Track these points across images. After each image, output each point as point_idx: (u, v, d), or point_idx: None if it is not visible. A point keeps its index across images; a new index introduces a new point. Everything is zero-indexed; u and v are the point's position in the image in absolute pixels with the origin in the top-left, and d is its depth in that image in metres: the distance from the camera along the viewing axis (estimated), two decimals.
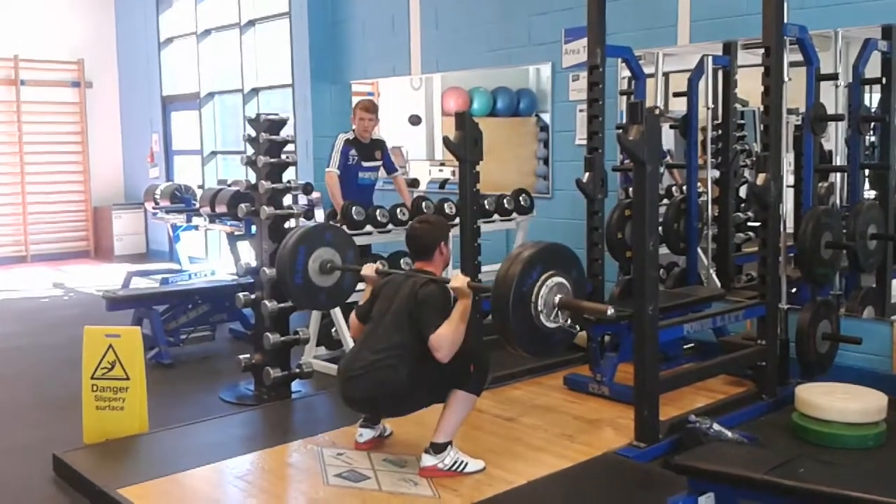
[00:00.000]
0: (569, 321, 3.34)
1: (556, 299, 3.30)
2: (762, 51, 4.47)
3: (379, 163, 6.23)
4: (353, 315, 3.92)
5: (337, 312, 5.32)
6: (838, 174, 5.17)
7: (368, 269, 3.99)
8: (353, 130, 6.12)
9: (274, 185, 4.86)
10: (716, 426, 3.89)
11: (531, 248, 3.33)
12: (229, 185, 7.67)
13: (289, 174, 5.09)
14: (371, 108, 6.22)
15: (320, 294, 4.32)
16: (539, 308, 3.25)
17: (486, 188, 5.08)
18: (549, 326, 3.31)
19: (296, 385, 5.03)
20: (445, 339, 3.45)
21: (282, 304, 4.83)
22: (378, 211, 5.64)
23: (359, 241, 4.96)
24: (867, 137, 5.27)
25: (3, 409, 4.97)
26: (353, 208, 5.48)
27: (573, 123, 6.31)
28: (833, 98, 4.98)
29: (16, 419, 4.79)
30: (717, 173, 5.68)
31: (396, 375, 3.52)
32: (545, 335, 3.34)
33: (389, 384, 3.53)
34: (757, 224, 4.82)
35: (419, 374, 3.54)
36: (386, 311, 3.69)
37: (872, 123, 5.20)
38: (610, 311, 3.36)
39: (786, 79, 4.55)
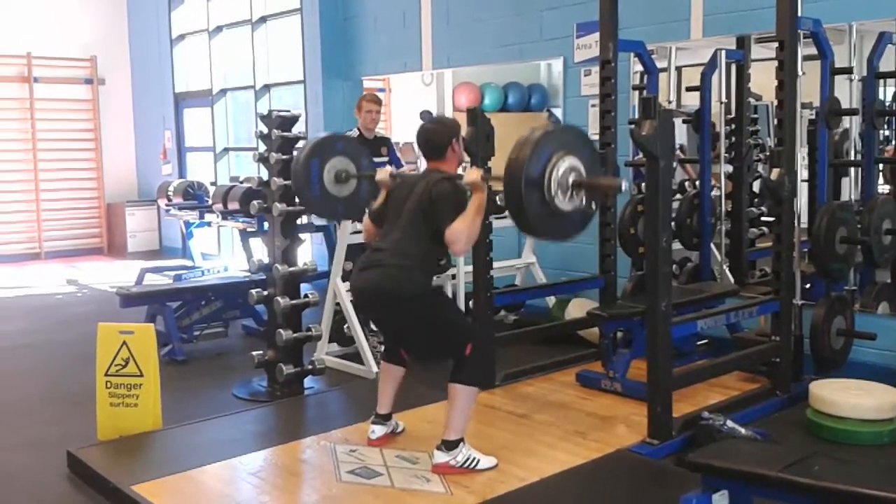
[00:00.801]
0: (584, 201, 3.30)
1: (570, 179, 3.24)
2: (776, 45, 4.43)
3: (385, 159, 6.16)
4: (366, 218, 3.92)
5: (349, 308, 5.32)
6: (852, 168, 5.13)
7: (383, 174, 3.96)
8: (358, 127, 6.06)
9: (286, 182, 4.87)
10: (729, 423, 3.87)
11: (541, 131, 3.28)
12: (242, 182, 7.69)
13: None
14: (377, 100, 6.16)
15: (338, 204, 4.31)
16: (553, 190, 3.21)
17: (499, 184, 5.06)
18: (564, 208, 3.27)
19: (308, 381, 5.04)
20: (462, 232, 3.44)
21: (294, 301, 4.84)
22: None
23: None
24: (882, 132, 5.24)
25: (18, 406, 4.99)
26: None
27: (585, 118, 6.29)
28: (847, 92, 4.94)
29: (30, 416, 4.82)
30: (730, 168, 5.65)
31: (410, 276, 3.53)
32: (562, 217, 3.29)
33: (402, 283, 3.53)
34: (771, 219, 4.80)
35: (432, 297, 3.60)
36: (400, 211, 3.67)
37: (887, 117, 5.16)
38: (623, 184, 3.34)
39: (800, 73, 4.51)
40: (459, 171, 3.81)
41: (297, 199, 4.70)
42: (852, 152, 5.11)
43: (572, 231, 3.43)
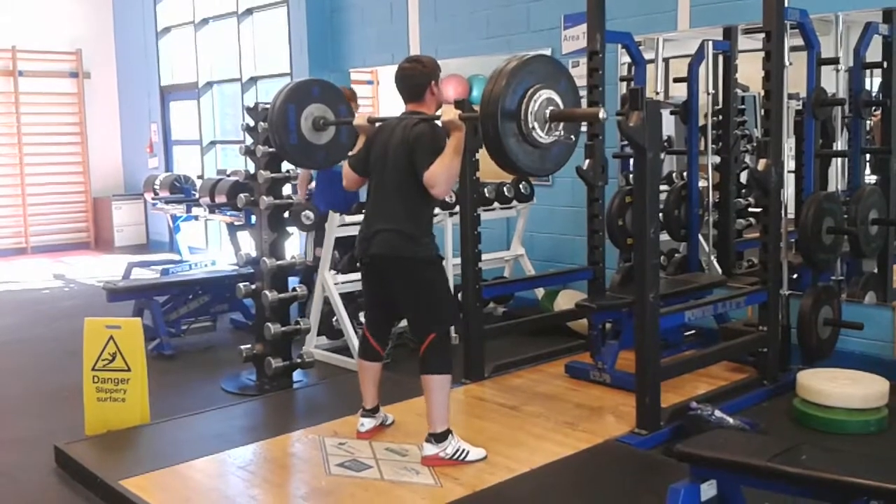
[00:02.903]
0: (563, 133, 3.27)
1: (547, 112, 3.20)
2: (763, 35, 4.44)
3: None
4: (345, 165, 3.88)
5: (338, 301, 5.31)
6: (839, 159, 5.15)
7: (360, 119, 3.90)
8: None
9: (273, 175, 4.85)
10: (717, 413, 3.89)
11: (514, 62, 3.24)
12: (229, 175, 7.66)
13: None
14: (353, 96, 6.08)
15: (318, 152, 4.28)
16: (530, 123, 3.17)
17: (486, 176, 5.06)
18: (543, 141, 3.23)
19: (297, 375, 5.03)
20: (440, 174, 3.42)
21: (282, 295, 4.82)
22: None
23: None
24: (868, 122, 5.25)
25: (4, 401, 4.97)
26: None
27: None
28: (834, 82, 4.95)
29: (17, 411, 4.79)
30: (717, 159, 5.66)
31: (411, 244, 3.54)
32: (541, 150, 3.26)
33: (406, 248, 3.55)
34: (758, 210, 4.81)
35: (432, 266, 3.60)
36: (384, 161, 3.64)
37: (874, 108, 5.18)
38: (602, 113, 3.29)
39: (786, 63, 4.52)
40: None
41: (276, 148, 4.52)
42: (839, 142, 5.13)
43: (554, 163, 3.40)
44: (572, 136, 3.36)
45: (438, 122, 3.52)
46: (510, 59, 3.27)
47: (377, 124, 3.83)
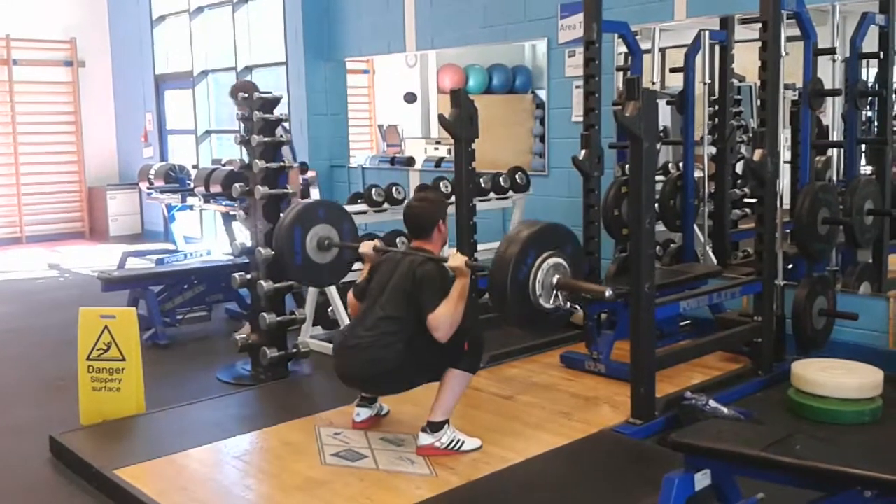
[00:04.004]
0: (567, 302, 3.35)
1: (554, 280, 3.30)
2: (759, 25, 4.43)
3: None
4: (350, 294, 3.91)
5: (333, 291, 5.31)
6: (835, 149, 5.15)
7: (366, 247, 3.97)
8: None
9: (268, 165, 4.83)
10: (712, 403, 3.90)
11: (528, 229, 3.32)
12: (224, 165, 7.63)
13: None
14: (232, 93, 5.70)
15: (322, 271, 4.36)
16: (537, 290, 3.26)
17: (482, 166, 5.06)
18: (547, 307, 3.31)
19: (292, 365, 5.03)
20: (445, 318, 3.45)
21: (278, 285, 4.81)
22: (374, 190, 5.63)
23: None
24: (864, 112, 5.25)
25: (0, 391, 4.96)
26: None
27: (569, 100, 6.28)
28: (830, 73, 4.95)
29: (11, 401, 4.78)
30: (713, 149, 5.65)
31: (391, 353, 3.52)
32: (544, 315, 3.36)
33: (384, 361, 3.54)
34: (753, 200, 4.82)
35: (414, 352, 3.54)
36: (383, 289, 3.68)
37: (870, 98, 5.18)
38: (608, 292, 3.38)
39: (783, 53, 4.51)
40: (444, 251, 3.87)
41: (282, 267, 4.61)
42: (834, 132, 5.13)
43: (549, 331, 3.58)
44: (577, 307, 3.53)
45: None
46: (523, 226, 3.47)
47: (382, 256, 3.89)
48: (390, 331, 3.55)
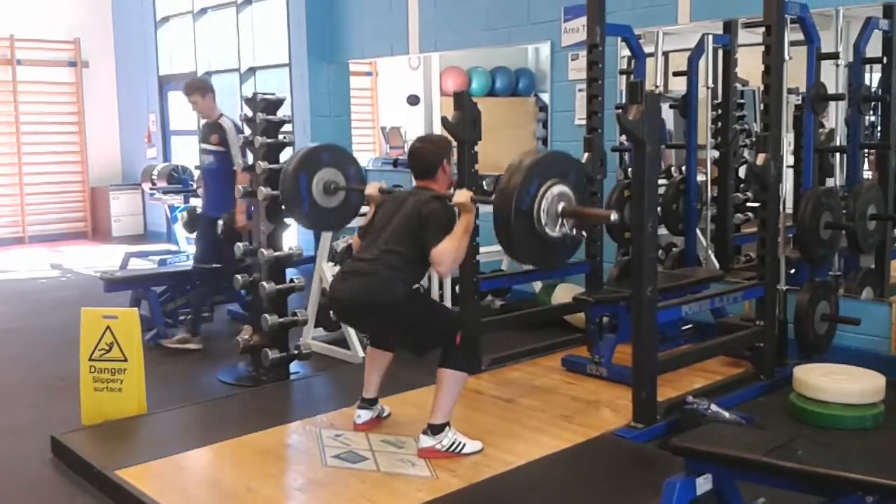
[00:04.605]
0: (574, 229, 3.31)
1: (559, 208, 3.26)
2: (763, 29, 4.43)
3: (213, 147, 5.66)
4: (355, 236, 3.92)
5: None
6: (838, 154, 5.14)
7: (372, 188, 3.97)
8: None
9: (271, 166, 4.83)
10: (713, 407, 3.89)
11: (531, 158, 3.29)
12: None
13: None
14: (187, 90, 5.73)
15: (330, 216, 4.34)
16: (542, 220, 3.22)
17: (485, 169, 5.05)
18: (553, 236, 3.28)
19: (294, 366, 5.03)
20: (448, 252, 3.45)
21: (280, 286, 4.82)
22: None
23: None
24: (867, 117, 5.25)
25: (1, 391, 4.96)
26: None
27: (572, 103, 6.28)
28: (834, 77, 4.95)
29: (13, 400, 4.79)
30: (716, 153, 5.65)
31: (389, 285, 3.52)
32: (550, 245, 3.32)
33: (381, 292, 3.52)
34: (756, 204, 4.81)
35: (410, 298, 3.57)
36: (387, 224, 3.67)
37: (873, 103, 5.17)
38: (613, 216, 3.37)
39: (786, 58, 4.51)
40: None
41: (288, 215, 4.68)
42: (838, 138, 5.12)
43: (560, 258, 3.50)
44: (583, 234, 3.45)
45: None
46: (526, 154, 3.35)
47: (387, 194, 3.88)
48: (393, 264, 3.55)
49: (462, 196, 3.54)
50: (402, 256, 3.56)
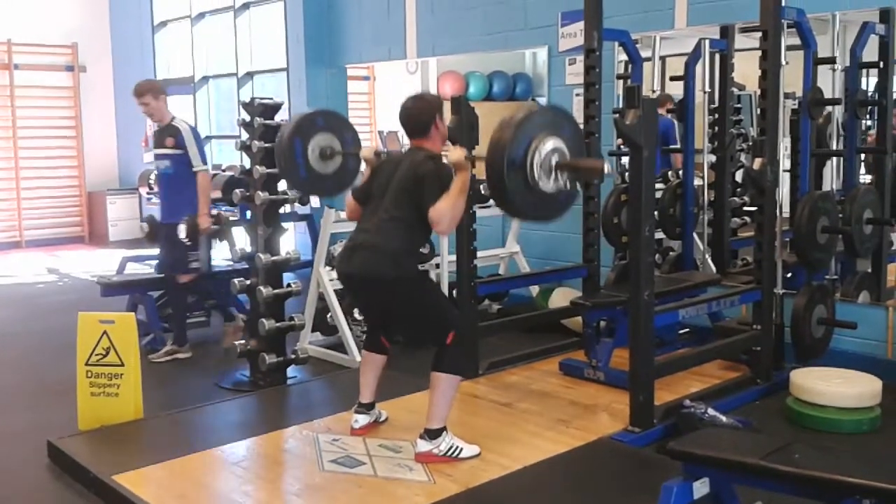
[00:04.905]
0: (567, 182, 3.29)
1: (553, 161, 3.24)
2: (759, 34, 4.44)
3: (169, 151, 5.42)
4: (349, 195, 3.91)
5: (332, 297, 5.31)
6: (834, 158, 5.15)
7: (367, 152, 3.96)
8: None
9: (269, 171, 4.83)
10: (710, 411, 3.89)
11: (523, 112, 3.27)
12: (224, 171, 7.64)
13: None
14: (138, 91, 5.52)
15: (327, 181, 4.30)
16: (536, 172, 3.21)
17: (482, 173, 5.05)
18: (548, 190, 3.26)
19: (291, 371, 5.02)
20: (446, 211, 3.44)
21: (277, 290, 4.81)
22: None
23: None
24: (864, 122, 5.26)
25: None
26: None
27: (570, 108, 6.28)
28: (830, 82, 4.96)
29: (10, 405, 4.78)
30: (713, 158, 5.66)
31: (398, 260, 3.54)
32: (545, 198, 3.29)
33: (387, 267, 3.53)
34: (753, 209, 4.82)
35: (421, 283, 3.64)
36: (385, 190, 3.67)
37: (869, 107, 5.18)
38: (606, 166, 3.34)
39: (783, 62, 4.52)
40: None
41: (284, 181, 4.65)
42: (834, 142, 5.13)
43: (555, 212, 3.44)
44: (577, 187, 3.41)
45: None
46: (519, 110, 3.31)
47: (383, 157, 3.87)
48: (396, 234, 3.56)
49: (456, 154, 3.51)
50: (404, 222, 3.56)
